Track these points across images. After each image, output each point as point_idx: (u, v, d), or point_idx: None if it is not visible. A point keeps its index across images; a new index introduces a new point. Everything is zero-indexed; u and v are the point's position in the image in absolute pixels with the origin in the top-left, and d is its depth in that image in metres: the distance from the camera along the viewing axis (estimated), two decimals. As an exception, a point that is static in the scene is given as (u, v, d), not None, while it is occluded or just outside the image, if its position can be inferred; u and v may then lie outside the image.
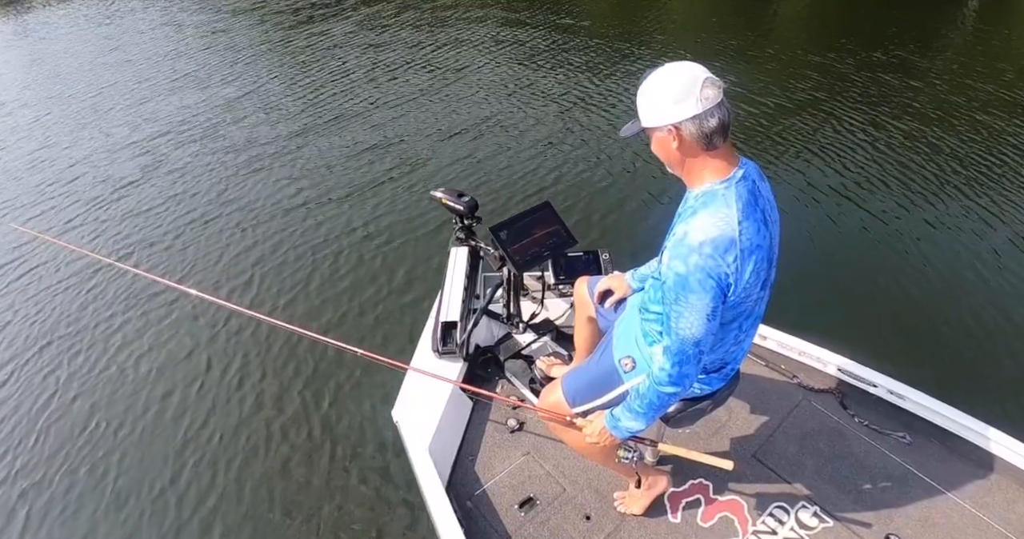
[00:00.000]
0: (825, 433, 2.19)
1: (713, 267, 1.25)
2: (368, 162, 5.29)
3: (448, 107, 6.24)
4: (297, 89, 7.00)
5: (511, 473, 2.14)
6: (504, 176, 4.91)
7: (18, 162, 6.02)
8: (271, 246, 4.29)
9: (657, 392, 1.43)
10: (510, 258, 2.28)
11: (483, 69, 7.17)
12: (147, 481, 2.81)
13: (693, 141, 1.26)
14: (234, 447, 2.91)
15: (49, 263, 4.39)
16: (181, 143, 5.91)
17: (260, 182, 5.12)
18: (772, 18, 9.57)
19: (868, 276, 3.67)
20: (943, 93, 6.14)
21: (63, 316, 3.88)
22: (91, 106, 7.17)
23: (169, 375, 3.34)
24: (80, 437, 3.06)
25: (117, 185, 5.33)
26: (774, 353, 2.45)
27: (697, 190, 1.33)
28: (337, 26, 8.94)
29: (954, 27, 8.57)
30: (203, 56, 8.48)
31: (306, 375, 3.23)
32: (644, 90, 1.29)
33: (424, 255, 4.03)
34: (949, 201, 4.34)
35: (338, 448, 2.85)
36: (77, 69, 8.57)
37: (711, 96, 1.22)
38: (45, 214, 5.01)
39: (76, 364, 3.49)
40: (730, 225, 1.25)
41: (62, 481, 2.85)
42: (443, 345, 2.32)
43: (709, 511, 1.99)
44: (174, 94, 7.09)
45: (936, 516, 1.92)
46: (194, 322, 3.66)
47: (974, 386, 2.90)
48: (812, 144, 5.17)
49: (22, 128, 6.87)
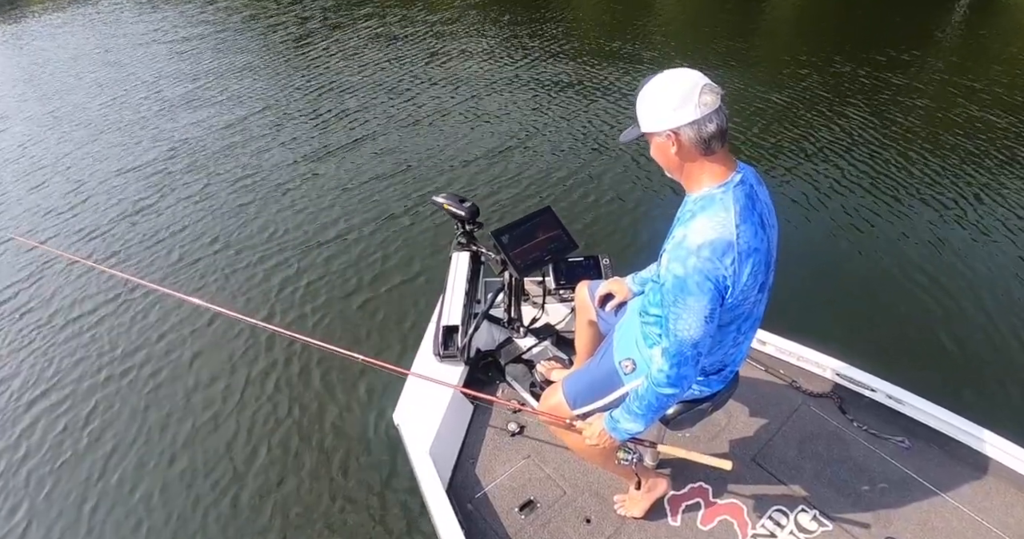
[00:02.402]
0: (824, 437, 2.20)
1: (711, 270, 1.27)
2: (369, 168, 5.32)
3: (447, 115, 6.27)
4: (295, 97, 7.05)
5: (512, 476, 2.15)
6: (504, 182, 4.94)
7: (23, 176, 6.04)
8: (271, 252, 4.31)
9: (656, 393, 1.44)
10: (511, 262, 2.30)
11: (480, 78, 7.21)
12: (146, 482, 2.81)
13: (691, 146, 1.28)
14: (236, 450, 2.92)
15: (47, 274, 4.41)
16: (185, 156, 5.94)
17: (255, 190, 5.13)
18: (764, 19, 9.63)
19: (867, 281, 3.68)
20: (938, 93, 6.18)
21: (62, 320, 3.89)
22: (90, 117, 7.22)
23: (168, 382, 3.34)
24: (79, 439, 3.07)
25: (120, 196, 5.37)
26: (773, 358, 2.46)
27: (696, 194, 1.35)
28: (335, 42, 8.99)
29: (947, 24, 8.66)
30: (196, 58, 8.56)
31: (307, 379, 3.25)
32: (643, 96, 1.31)
33: (425, 260, 4.05)
34: (947, 205, 4.36)
35: (339, 451, 2.85)
36: (75, 79, 8.61)
37: (709, 102, 1.24)
38: (56, 227, 5.00)
39: (76, 371, 3.50)
40: (727, 229, 1.27)
41: (59, 483, 2.86)
42: (444, 349, 2.34)
43: (709, 514, 2.00)
44: (190, 111, 7.13)
45: (935, 520, 1.92)
46: (193, 330, 3.66)
47: (973, 390, 2.91)
48: (808, 148, 5.20)
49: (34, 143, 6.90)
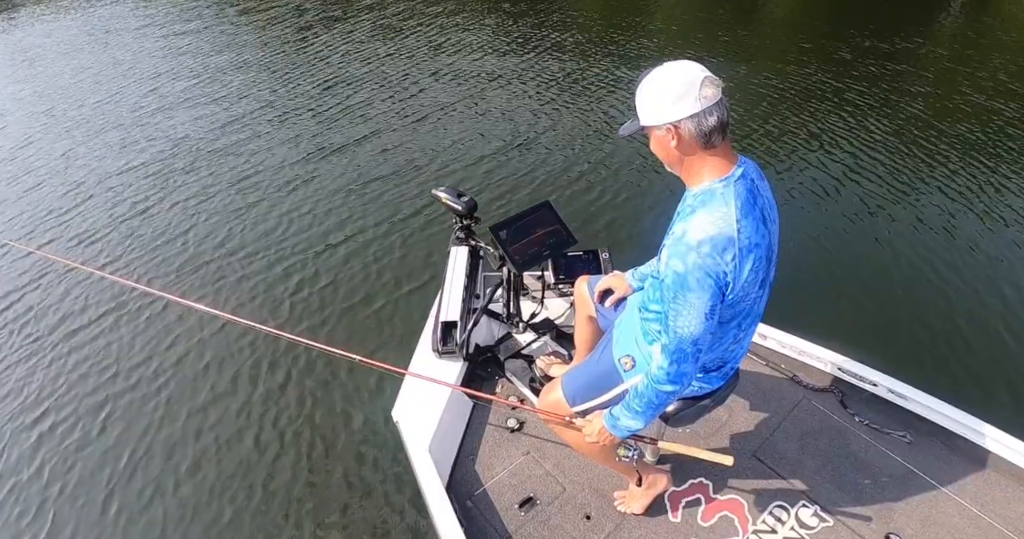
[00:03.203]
0: (825, 432, 2.19)
1: (711, 266, 1.25)
2: (366, 164, 5.28)
3: (443, 109, 6.23)
4: (295, 92, 7.00)
5: (511, 472, 2.14)
6: (503, 176, 4.91)
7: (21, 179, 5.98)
8: (267, 253, 4.27)
9: (656, 390, 1.43)
10: (510, 257, 2.28)
11: (479, 72, 7.15)
12: (146, 483, 2.80)
13: (692, 140, 1.26)
14: (235, 449, 2.91)
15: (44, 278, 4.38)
16: (185, 155, 5.89)
17: (254, 190, 5.07)
18: (763, 12, 9.58)
19: (868, 275, 3.66)
20: (937, 84, 6.14)
21: (62, 327, 3.87)
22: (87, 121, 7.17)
23: (168, 384, 3.32)
24: (78, 441, 3.06)
25: (114, 198, 5.34)
26: (774, 352, 2.45)
27: (696, 189, 1.33)
28: (338, 36, 8.92)
29: (946, 16, 8.62)
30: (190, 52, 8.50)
31: (305, 375, 3.23)
32: (643, 89, 1.29)
33: (423, 254, 4.03)
34: (951, 197, 4.34)
35: (338, 448, 2.84)
36: (73, 78, 8.54)
37: (710, 95, 1.22)
38: (54, 231, 4.93)
39: (74, 375, 3.48)
40: (728, 224, 1.25)
41: (54, 486, 2.86)
42: (443, 345, 2.32)
43: (709, 510, 1.99)
44: (189, 109, 7.06)
45: (937, 515, 1.92)
46: (190, 332, 3.63)
47: (975, 385, 2.90)
48: (809, 140, 5.16)
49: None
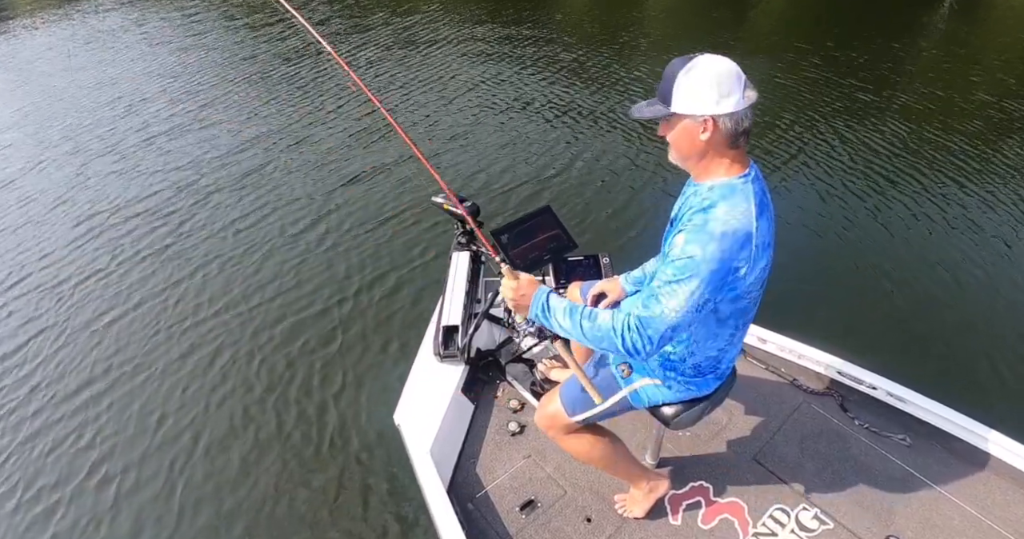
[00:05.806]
0: (825, 435, 2.20)
1: (728, 258, 1.26)
2: (366, 163, 5.32)
3: (443, 114, 6.27)
4: (290, 96, 7.05)
5: (512, 475, 2.15)
6: (503, 181, 4.93)
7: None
8: (268, 254, 4.29)
9: (606, 335, 1.32)
10: (511, 262, 2.30)
11: (476, 77, 7.19)
12: (145, 484, 2.81)
13: (723, 137, 1.28)
14: (236, 451, 2.92)
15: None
16: (156, 152, 5.95)
17: (254, 191, 5.12)
18: (753, 12, 9.62)
19: (867, 278, 3.67)
20: (929, 85, 6.16)
21: (57, 327, 3.90)
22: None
23: (168, 385, 3.33)
24: (78, 442, 3.06)
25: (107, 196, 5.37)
26: (774, 356, 2.46)
27: (708, 182, 1.33)
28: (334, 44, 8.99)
29: (938, 18, 8.66)
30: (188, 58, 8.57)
31: (308, 378, 3.24)
32: (687, 77, 1.24)
33: (425, 260, 4.04)
34: (951, 201, 4.35)
35: (340, 451, 2.85)
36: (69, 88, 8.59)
37: (752, 97, 1.26)
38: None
39: (70, 369, 3.49)
40: (749, 220, 1.27)
41: (51, 488, 2.86)
42: (444, 349, 2.34)
43: (709, 513, 2.00)
44: (204, 129, 7.12)
45: (936, 517, 1.92)
46: (193, 329, 3.66)
47: (974, 388, 2.90)
48: (803, 144, 5.19)
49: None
